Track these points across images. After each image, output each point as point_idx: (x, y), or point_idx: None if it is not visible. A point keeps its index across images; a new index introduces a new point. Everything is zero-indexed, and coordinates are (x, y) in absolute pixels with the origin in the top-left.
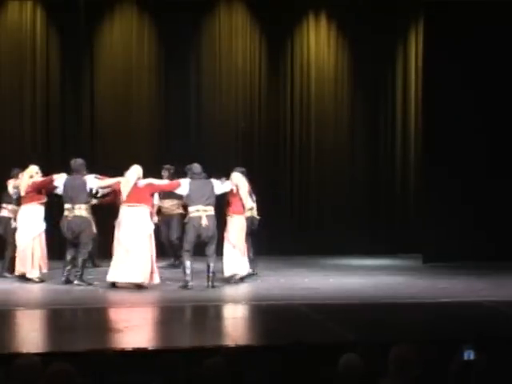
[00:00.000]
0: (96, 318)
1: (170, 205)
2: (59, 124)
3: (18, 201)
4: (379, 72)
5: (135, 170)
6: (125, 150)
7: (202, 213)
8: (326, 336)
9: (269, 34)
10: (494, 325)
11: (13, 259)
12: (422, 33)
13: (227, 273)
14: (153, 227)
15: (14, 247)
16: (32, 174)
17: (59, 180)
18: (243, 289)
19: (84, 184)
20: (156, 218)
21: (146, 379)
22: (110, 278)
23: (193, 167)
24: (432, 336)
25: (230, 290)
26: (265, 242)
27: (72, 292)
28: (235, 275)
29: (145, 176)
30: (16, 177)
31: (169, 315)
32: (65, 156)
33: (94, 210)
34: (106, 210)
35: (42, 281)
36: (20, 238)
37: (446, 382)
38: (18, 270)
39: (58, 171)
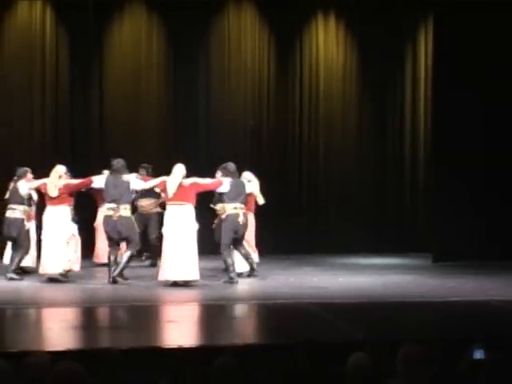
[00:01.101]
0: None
1: (147, 203)
2: (68, 123)
3: (30, 201)
4: (388, 71)
5: (181, 169)
6: (134, 149)
7: (240, 210)
8: (334, 335)
9: (278, 33)
10: (502, 324)
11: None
12: (432, 32)
13: (239, 269)
14: (197, 225)
15: (28, 249)
16: (61, 174)
17: (98, 181)
18: (252, 287)
19: (127, 184)
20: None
21: (155, 378)
22: (162, 276)
23: (228, 166)
24: (441, 335)
25: (239, 289)
26: (273, 241)
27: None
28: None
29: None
30: (25, 176)
31: (177, 314)
32: (74, 155)
33: None
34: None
35: (68, 280)
36: (52, 239)
37: (454, 382)
38: (46, 270)
39: (69, 171)
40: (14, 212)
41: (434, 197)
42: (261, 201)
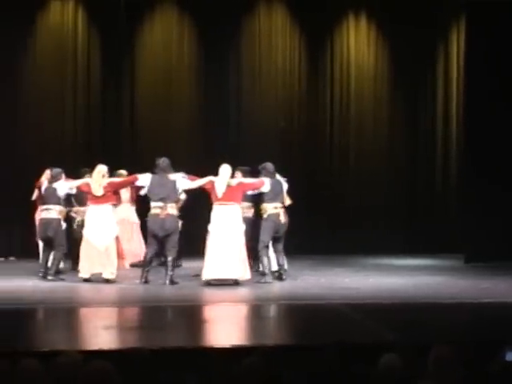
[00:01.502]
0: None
1: None
2: (100, 124)
3: (67, 201)
4: (419, 71)
5: (228, 169)
6: (164, 150)
7: (280, 210)
8: (365, 336)
9: (308, 33)
10: None
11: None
12: (464, 31)
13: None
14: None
15: (65, 249)
16: (104, 174)
17: (143, 179)
18: (283, 288)
19: (174, 183)
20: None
21: (183, 378)
22: (207, 275)
23: (267, 166)
24: (473, 337)
25: (269, 289)
26: (304, 242)
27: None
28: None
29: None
30: (60, 177)
31: (204, 314)
32: (105, 156)
33: None
34: None
35: (114, 281)
36: (100, 239)
37: (486, 383)
38: (92, 270)
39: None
40: (50, 212)
41: (465, 197)
42: (287, 202)
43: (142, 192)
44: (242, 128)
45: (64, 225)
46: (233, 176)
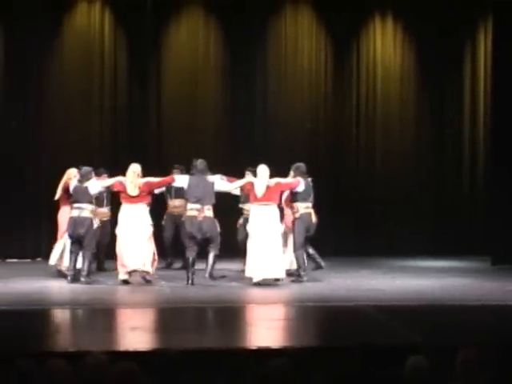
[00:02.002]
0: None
1: (180, 204)
2: (126, 125)
3: (99, 200)
4: (446, 72)
5: (266, 170)
6: (190, 152)
7: (311, 210)
8: (392, 338)
9: (334, 35)
10: None
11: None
12: (491, 31)
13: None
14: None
15: (93, 249)
16: (139, 173)
17: (180, 180)
18: (309, 289)
19: (211, 185)
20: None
21: (211, 379)
22: (255, 275)
23: (300, 167)
24: (500, 339)
25: (295, 291)
26: (330, 243)
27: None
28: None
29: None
30: (90, 176)
31: (232, 315)
32: (131, 157)
33: None
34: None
35: (149, 281)
36: (135, 238)
37: None
38: (128, 269)
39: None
40: (83, 211)
41: (492, 198)
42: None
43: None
44: (268, 130)
45: (95, 224)
46: (243, 176)
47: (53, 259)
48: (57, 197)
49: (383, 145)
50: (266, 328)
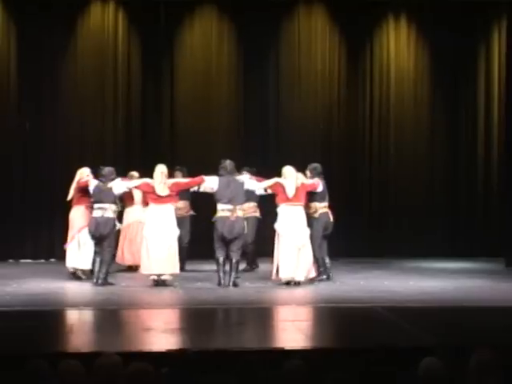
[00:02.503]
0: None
1: (183, 206)
2: (140, 124)
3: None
4: (460, 72)
5: (294, 170)
6: (204, 150)
7: (328, 209)
8: (406, 339)
9: (348, 35)
10: None
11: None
12: (505, 31)
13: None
14: None
15: (112, 251)
16: (166, 174)
17: (210, 181)
18: (322, 290)
19: (242, 185)
20: None
21: (224, 380)
22: (285, 275)
23: (318, 167)
24: None
25: (308, 292)
26: (342, 244)
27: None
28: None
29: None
30: (114, 176)
31: (246, 316)
32: (145, 156)
33: None
34: None
35: (174, 282)
36: (163, 239)
37: None
38: (154, 270)
39: (139, 172)
40: (107, 211)
41: (507, 199)
42: None
43: (213, 189)
44: (282, 130)
45: (118, 225)
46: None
47: (71, 262)
48: (69, 197)
49: (397, 145)
50: (280, 329)
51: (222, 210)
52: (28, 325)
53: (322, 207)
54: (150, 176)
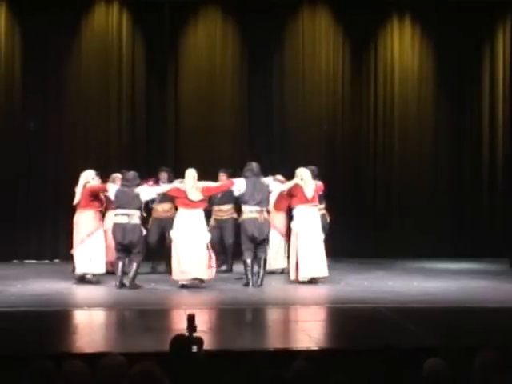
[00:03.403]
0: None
1: (166, 208)
2: (144, 125)
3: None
4: (465, 72)
5: (309, 173)
6: (208, 151)
7: (325, 211)
8: (409, 340)
9: (352, 35)
10: None
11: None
12: (510, 32)
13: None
14: None
15: (142, 255)
16: (195, 176)
17: (239, 184)
18: (326, 291)
19: (267, 187)
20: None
21: (230, 381)
22: (305, 274)
23: (316, 170)
24: None
25: (312, 293)
26: (346, 245)
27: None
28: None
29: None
30: (138, 181)
31: (251, 317)
32: (150, 157)
33: None
34: None
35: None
36: (194, 244)
37: None
38: (185, 276)
39: (145, 172)
40: (133, 218)
41: (510, 198)
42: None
43: (237, 193)
44: (285, 131)
45: (144, 231)
46: (217, 178)
47: (82, 267)
48: (76, 201)
49: (401, 146)
50: (285, 330)
51: (251, 211)
52: (32, 325)
53: (321, 209)
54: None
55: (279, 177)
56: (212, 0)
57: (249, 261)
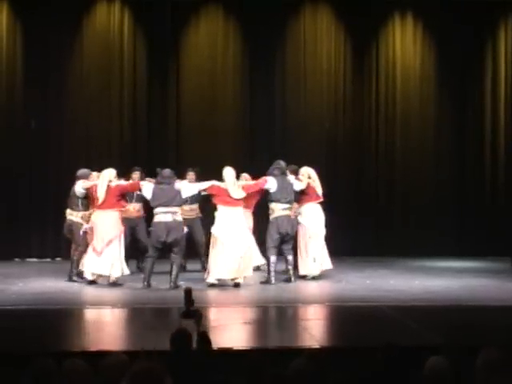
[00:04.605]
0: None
1: (136, 209)
2: (146, 124)
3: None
4: (466, 71)
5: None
6: (210, 150)
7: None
8: (411, 338)
9: (354, 34)
10: None
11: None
12: None
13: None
14: None
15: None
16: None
17: (271, 182)
18: (328, 289)
19: (292, 186)
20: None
21: (231, 379)
22: (318, 271)
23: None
24: None
25: (315, 291)
26: (348, 243)
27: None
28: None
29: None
30: (175, 178)
31: (254, 315)
32: (151, 156)
33: None
34: None
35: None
36: (238, 243)
37: None
38: (226, 275)
39: (145, 171)
40: (177, 215)
41: None
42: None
43: (272, 190)
44: (287, 129)
45: (185, 229)
46: (185, 177)
47: (101, 269)
48: (101, 201)
49: (403, 144)
50: (286, 328)
51: (283, 209)
52: (34, 324)
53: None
54: (151, 175)
55: (245, 175)
56: None
57: (274, 258)
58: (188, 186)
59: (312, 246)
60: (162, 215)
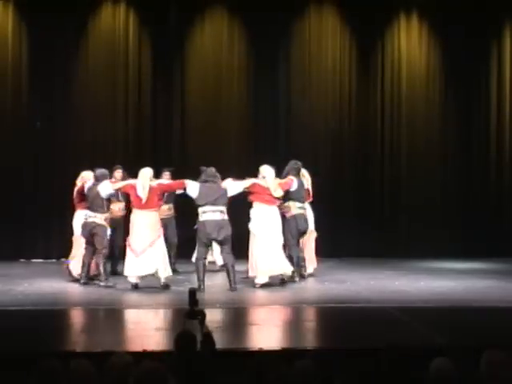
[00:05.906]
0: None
1: (117, 209)
2: (150, 124)
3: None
4: (472, 72)
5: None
6: (214, 150)
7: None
8: (416, 339)
9: (359, 34)
10: None
11: None
12: None
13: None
14: None
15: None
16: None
17: (295, 183)
18: (332, 290)
19: (304, 185)
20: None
21: (235, 380)
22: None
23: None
24: None
25: (319, 291)
26: (354, 244)
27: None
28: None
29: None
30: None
31: (259, 316)
32: (156, 156)
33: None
34: None
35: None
36: (280, 239)
37: None
38: (271, 273)
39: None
40: (225, 214)
41: None
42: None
43: (292, 189)
44: (292, 129)
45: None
46: (161, 176)
47: (146, 269)
48: (144, 201)
49: (408, 144)
50: (290, 329)
51: (300, 207)
52: (39, 324)
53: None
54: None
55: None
56: (218, 0)
57: (297, 257)
58: (233, 185)
59: (311, 245)
60: (211, 214)
